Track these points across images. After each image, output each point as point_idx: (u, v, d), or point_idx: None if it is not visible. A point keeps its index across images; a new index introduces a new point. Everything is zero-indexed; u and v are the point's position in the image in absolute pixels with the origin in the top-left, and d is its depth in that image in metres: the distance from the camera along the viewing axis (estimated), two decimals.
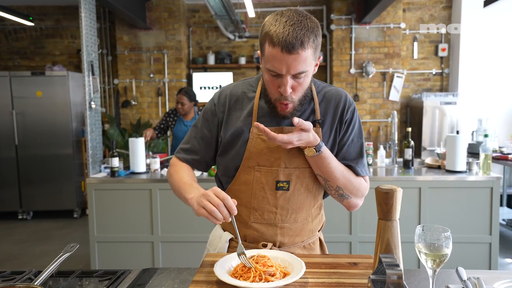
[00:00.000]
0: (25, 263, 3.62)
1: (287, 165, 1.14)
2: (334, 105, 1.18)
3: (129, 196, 2.83)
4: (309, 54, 1.01)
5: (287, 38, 0.97)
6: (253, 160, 1.15)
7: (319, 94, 1.20)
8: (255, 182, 1.16)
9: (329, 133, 1.18)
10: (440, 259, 0.90)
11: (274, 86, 1.07)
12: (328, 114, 1.18)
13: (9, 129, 4.89)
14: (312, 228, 1.25)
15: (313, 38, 1.00)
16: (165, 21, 5.38)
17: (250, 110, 1.18)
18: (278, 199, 1.16)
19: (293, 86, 1.05)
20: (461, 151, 2.80)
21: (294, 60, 0.99)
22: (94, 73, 2.94)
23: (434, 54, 5.56)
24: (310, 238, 1.25)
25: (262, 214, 1.17)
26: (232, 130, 1.18)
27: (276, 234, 1.18)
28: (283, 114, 1.11)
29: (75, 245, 1.11)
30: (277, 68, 1.02)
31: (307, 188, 1.18)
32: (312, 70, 1.08)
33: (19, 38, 5.86)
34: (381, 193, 0.80)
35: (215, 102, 1.24)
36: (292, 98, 1.07)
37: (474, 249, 2.75)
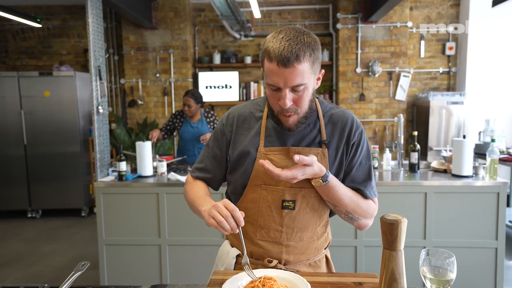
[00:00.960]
0: (34, 262, 3.69)
1: (292, 185, 1.16)
2: (340, 127, 1.20)
3: (136, 199, 2.86)
4: (305, 68, 1.04)
5: (282, 52, 1.02)
6: (260, 179, 1.18)
7: (325, 115, 1.22)
8: (262, 201, 1.19)
9: (334, 154, 1.20)
10: (445, 285, 0.91)
11: (275, 100, 1.11)
12: (334, 136, 1.20)
13: (18, 128, 4.96)
14: (318, 246, 1.27)
15: (309, 52, 1.04)
16: (171, 21, 5.38)
17: (258, 129, 1.22)
18: (283, 218, 1.19)
19: (294, 99, 1.09)
20: (467, 155, 2.79)
21: (290, 74, 1.03)
22: (102, 77, 2.96)
23: (441, 53, 5.51)
24: (316, 256, 1.27)
25: (268, 232, 1.20)
26: (239, 149, 1.22)
27: (281, 252, 1.21)
28: (288, 127, 1.14)
29: (86, 263, 1.13)
30: (275, 82, 1.06)
31: (312, 208, 1.20)
32: (313, 83, 1.11)
33: (26, 38, 5.90)
34: (386, 223, 0.81)
35: (224, 122, 1.28)
36: (294, 110, 1.10)
37: (480, 254, 2.75)
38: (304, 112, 1.13)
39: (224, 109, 5.78)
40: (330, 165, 1.18)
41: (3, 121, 4.95)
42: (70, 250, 3.98)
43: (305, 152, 1.17)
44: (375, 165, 3.10)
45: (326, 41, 5.65)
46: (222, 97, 5.59)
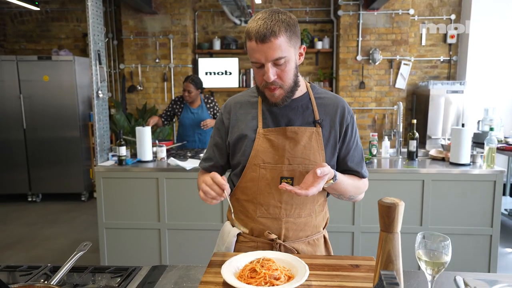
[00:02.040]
0: (35, 245, 3.73)
1: (290, 162, 1.23)
2: (333, 109, 1.27)
3: (136, 184, 2.88)
4: (282, 41, 1.11)
5: (259, 30, 1.10)
6: (258, 158, 1.24)
7: (317, 98, 1.29)
8: (261, 179, 1.25)
9: (328, 135, 1.26)
10: (439, 268, 0.93)
11: (260, 77, 1.18)
12: (327, 117, 1.27)
13: (17, 113, 4.95)
14: (316, 224, 1.31)
15: (284, 27, 1.12)
16: (171, 6, 5.33)
17: (255, 113, 1.29)
18: (282, 195, 1.24)
19: (277, 73, 1.15)
20: (465, 144, 2.81)
21: (269, 48, 1.11)
22: (101, 62, 2.95)
23: (442, 41, 5.48)
24: (315, 234, 1.32)
25: (268, 208, 1.26)
26: (238, 133, 1.28)
27: (281, 228, 1.26)
28: (274, 101, 1.20)
29: (88, 243, 1.16)
30: (257, 58, 1.14)
31: None
32: (294, 57, 1.17)
33: (24, 21, 5.84)
34: (384, 206, 0.83)
35: (222, 112, 1.36)
36: (279, 83, 1.17)
37: (475, 241, 2.80)
38: (289, 86, 1.19)
39: (224, 95, 5.77)
40: (324, 145, 1.24)
41: (2, 105, 4.94)
42: (70, 233, 4.03)
43: (301, 131, 1.23)
44: (373, 152, 3.13)
45: (327, 28, 5.60)
46: (221, 83, 5.57)
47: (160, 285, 1.10)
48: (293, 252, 1.27)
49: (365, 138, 5.35)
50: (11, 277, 1.18)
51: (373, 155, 3.13)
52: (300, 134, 1.22)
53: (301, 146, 1.22)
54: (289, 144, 1.22)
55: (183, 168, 2.81)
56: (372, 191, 2.91)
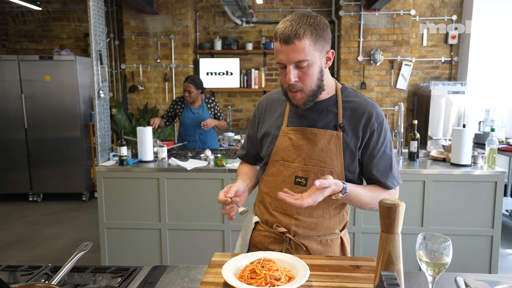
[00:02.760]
0: (37, 245, 3.74)
1: (306, 163, 1.25)
2: (359, 113, 1.24)
3: (137, 184, 2.89)
4: (306, 44, 1.12)
5: (284, 31, 1.12)
6: (279, 155, 1.29)
7: (346, 101, 1.27)
8: (279, 175, 1.29)
9: (349, 139, 1.24)
10: (440, 268, 0.93)
11: (283, 78, 1.19)
12: (351, 122, 1.24)
13: (18, 112, 4.96)
14: (329, 226, 1.31)
15: (311, 30, 1.12)
16: (172, 6, 5.33)
17: (282, 111, 1.33)
18: (295, 192, 1.23)
19: (299, 76, 1.16)
20: (467, 144, 2.81)
21: (292, 50, 1.12)
22: (103, 62, 2.96)
23: (444, 42, 5.48)
24: (328, 235, 1.31)
25: (282, 204, 1.29)
26: (265, 128, 1.35)
27: (291, 224, 1.29)
28: (295, 103, 1.22)
29: (89, 243, 1.16)
30: (280, 59, 1.16)
31: None
32: (318, 61, 1.17)
33: (26, 21, 5.85)
34: (384, 207, 0.83)
35: (256, 106, 1.43)
36: (300, 87, 1.17)
37: (476, 242, 2.79)
38: (310, 90, 1.18)
39: (224, 95, 5.78)
40: (343, 149, 1.23)
41: (4, 104, 4.95)
42: (71, 233, 4.03)
43: (320, 133, 1.24)
44: None
45: None
46: (222, 83, 5.57)
47: (160, 285, 1.10)
48: (302, 248, 1.28)
49: None
50: (12, 276, 1.18)
51: None
52: (319, 136, 1.24)
53: (318, 148, 1.23)
54: (307, 145, 1.24)
55: (184, 169, 2.81)
56: None
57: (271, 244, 1.32)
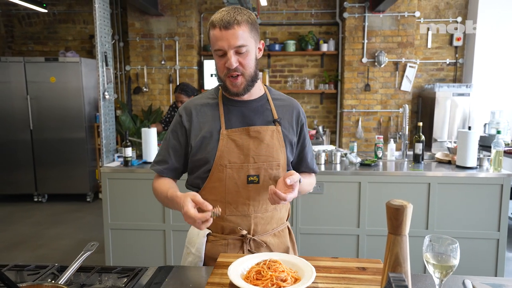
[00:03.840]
0: (41, 245, 3.75)
1: (255, 161, 1.28)
2: (289, 109, 1.36)
3: (141, 185, 2.89)
4: (245, 31, 1.18)
5: (223, 18, 1.17)
6: (224, 158, 1.27)
7: (274, 99, 1.37)
8: (228, 179, 1.27)
9: (286, 133, 1.33)
10: (447, 271, 0.93)
11: (222, 65, 1.22)
12: (284, 116, 1.34)
13: (24, 114, 4.99)
14: (280, 216, 1.38)
15: (246, 18, 1.19)
16: (177, 8, 5.35)
17: (216, 114, 1.31)
18: (250, 192, 1.28)
19: (239, 61, 1.20)
20: (472, 147, 2.79)
21: (232, 35, 1.16)
22: (108, 63, 2.97)
23: (448, 44, 5.46)
24: (280, 226, 1.38)
25: (237, 207, 1.29)
26: (200, 135, 1.29)
27: (250, 224, 1.30)
28: (236, 91, 1.24)
29: (95, 243, 1.16)
30: (220, 46, 1.18)
31: (274, 180, 1.30)
32: (254, 49, 1.23)
33: (32, 23, 5.89)
34: (392, 208, 0.82)
35: (181, 114, 1.34)
36: (241, 71, 1.21)
37: (482, 245, 2.77)
38: (250, 75, 1.23)
39: None
40: (286, 143, 1.32)
41: (9, 106, 4.99)
42: (76, 234, 4.04)
43: (263, 130, 1.28)
44: (379, 155, 3.12)
45: (332, 30, 5.60)
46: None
47: (166, 285, 1.10)
48: (262, 245, 1.31)
49: (370, 140, 5.34)
50: (19, 276, 1.19)
51: (379, 157, 3.11)
52: (262, 133, 1.28)
53: (264, 145, 1.28)
54: (253, 143, 1.27)
55: None
56: (377, 194, 2.91)
57: (230, 251, 1.30)
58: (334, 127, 5.75)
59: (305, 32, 5.54)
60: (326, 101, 5.73)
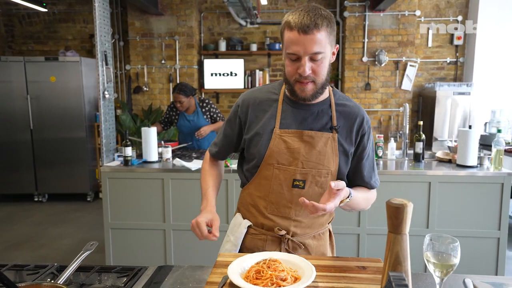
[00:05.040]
0: (41, 245, 3.75)
1: (304, 166, 1.24)
2: (352, 117, 1.28)
3: (142, 184, 2.89)
4: (323, 37, 1.11)
5: (302, 21, 1.09)
6: (273, 158, 1.25)
7: (338, 104, 1.29)
8: (274, 179, 1.26)
9: (344, 141, 1.26)
10: (448, 270, 0.92)
11: (293, 69, 1.16)
12: (345, 125, 1.27)
13: (24, 113, 4.99)
14: (322, 222, 1.35)
15: (326, 23, 1.12)
16: (177, 7, 5.35)
17: (273, 112, 1.28)
18: (293, 196, 1.25)
19: (313, 68, 1.14)
20: (473, 146, 2.79)
21: (310, 41, 1.10)
22: (108, 63, 2.97)
23: (449, 43, 5.45)
24: (320, 229, 1.35)
25: (278, 208, 1.28)
26: (254, 130, 1.28)
27: (290, 226, 1.29)
28: (303, 96, 1.19)
29: (94, 243, 1.16)
30: (296, 50, 1.12)
31: (321, 187, 1.26)
32: (329, 55, 1.17)
33: (32, 22, 5.89)
34: (392, 207, 0.82)
35: (239, 104, 1.35)
36: (312, 78, 1.16)
37: (482, 244, 2.77)
38: (321, 82, 1.18)
39: (229, 96, 5.78)
40: (340, 151, 1.25)
41: (10, 105, 4.98)
42: (76, 233, 4.04)
43: (317, 136, 1.24)
44: (379, 154, 3.11)
45: None
46: (227, 84, 5.57)
47: (166, 285, 1.10)
48: (301, 247, 1.30)
49: None
50: (18, 276, 1.19)
51: (379, 156, 3.11)
52: (316, 138, 1.23)
53: (316, 151, 1.23)
54: (305, 148, 1.23)
55: (188, 169, 2.81)
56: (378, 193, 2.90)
57: (268, 247, 1.30)
58: None
59: None
60: None
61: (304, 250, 1.31)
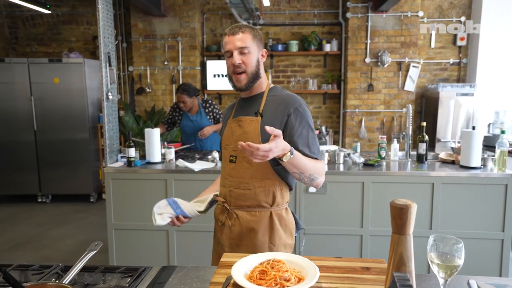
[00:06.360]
0: (44, 246, 3.77)
1: (235, 144, 1.52)
2: (279, 103, 1.51)
3: (145, 185, 2.90)
4: (247, 37, 1.48)
5: (231, 28, 1.51)
6: (224, 141, 1.61)
7: (271, 95, 1.55)
8: (223, 157, 1.61)
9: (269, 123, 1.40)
10: (452, 271, 0.92)
11: (230, 64, 1.50)
12: (271, 109, 1.51)
13: (28, 114, 5.02)
14: (256, 198, 1.50)
15: (250, 30, 1.50)
16: (180, 8, 5.36)
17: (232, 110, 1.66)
18: (230, 169, 1.55)
19: (243, 60, 1.48)
20: (476, 147, 2.78)
21: (237, 39, 1.47)
22: (111, 64, 2.98)
23: (452, 43, 5.44)
24: (257, 208, 1.50)
25: (223, 179, 1.60)
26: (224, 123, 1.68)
27: (226, 194, 1.56)
28: (239, 85, 1.52)
29: (99, 243, 1.17)
30: (228, 48, 1.49)
31: (248, 162, 1.49)
32: (256, 53, 1.50)
33: (36, 24, 5.92)
34: (396, 208, 0.82)
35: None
36: (243, 68, 1.48)
37: (486, 245, 2.76)
38: (251, 72, 1.49)
39: (231, 97, 5.78)
40: (262, 132, 1.46)
41: (13, 107, 5.01)
42: (79, 234, 4.06)
43: (244, 120, 1.54)
44: (382, 155, 3.11)
45: (335, 31, 5.60)
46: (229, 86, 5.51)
47: (170, 285, 1.10)
48: (232, 216, 1.53)
49: (373, 140, 5.32)
50: (23, 276, 1.19)
51: (382, 157, 3.11)
52: (244, 122, 1.53)
53: (243, 132, 1.51)
54: (238, 131, 1.54)
55: (191, 170, 2.82)
56: (381, 194, 2.90)
57: (219, 215, 1.61)
58: (337, 127, 5.74)
59: (308, 32, 5.54)
60: (329, 101, 5.73)
61: (236, 220, 1.52)
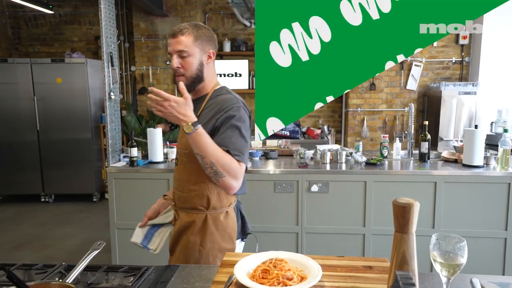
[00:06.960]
0: (47, 245, 3.78)
1: (179, 147, 1.55)
2: (215, 107, 1.49)
3: (147, 185, 2.90)
4: (188, 40, 1.43)
5: (173, 29, 1.46)
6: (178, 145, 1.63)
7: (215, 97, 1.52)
8: None
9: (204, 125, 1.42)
10: (455, 269, 0.92)
11: (172, 66, 1.46)
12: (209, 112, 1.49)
13: (31, 114, 5.04)
14: (192, 201, 1.50)
15: (193, 31, 1.44)
16: (182, 8, 5.37)
17: None
18: (174, 171, 1.59)
19: (181, 64, 1.44)
20: (479, 145, 2.77)
21: (176, 42, 1.44)
22: (114, 64, 2.99)
23: (454, 42, 5.42)
24: (193, 210, 1.50)
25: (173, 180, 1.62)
26: None
27: (174, 196, 1.59)
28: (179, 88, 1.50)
29: (102, 242, 1.17)
30: (169, 50, 1.47)
31: (184, 165, 1.52)
32: (198, 56, 1.46)
33: (38, 24, 5.94)
34: (398, 207, 0.82)
35: None
36: (182, 72, 1.45)
37: (489, 244, 2.75)
38: (190, 76, 1.46)
39: None
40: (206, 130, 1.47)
41: (16, 107, 5.03)
42: (82, 234, 4.07)
43: None
44: (384, 154, 3.10)
45: None
46: (231, 85, 5.58)
47: (172, 284, 1.10)
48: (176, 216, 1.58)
49: (375, 139, 5.31)
50: (27, 275, 1.20)
51: (384, 156, 3.10)
52: None
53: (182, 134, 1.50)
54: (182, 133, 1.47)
55: None
56: (383, 193, 2.90)
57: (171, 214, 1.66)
58: (339, 127, 5.73)
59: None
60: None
61: (178, 221, 1.56)
